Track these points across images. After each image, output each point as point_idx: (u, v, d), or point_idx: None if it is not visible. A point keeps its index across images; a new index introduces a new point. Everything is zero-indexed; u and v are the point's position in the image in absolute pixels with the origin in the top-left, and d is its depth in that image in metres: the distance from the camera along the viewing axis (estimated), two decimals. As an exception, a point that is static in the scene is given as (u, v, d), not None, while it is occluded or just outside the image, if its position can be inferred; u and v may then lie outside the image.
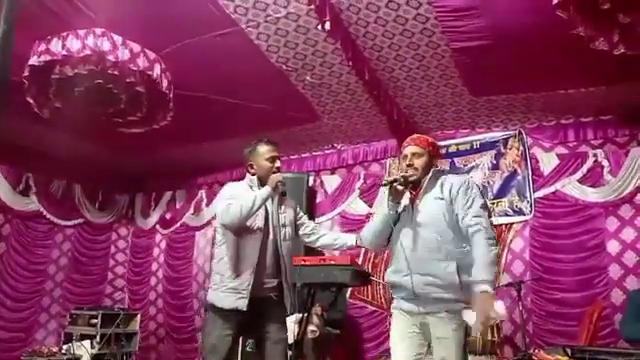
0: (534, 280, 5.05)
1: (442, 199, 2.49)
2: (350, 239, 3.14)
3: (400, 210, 2.61)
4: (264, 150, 3.00)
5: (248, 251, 2.84)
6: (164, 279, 7.48)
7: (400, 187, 2.54)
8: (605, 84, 4.38)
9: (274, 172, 2.94)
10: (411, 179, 2.58)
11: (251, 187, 2.96)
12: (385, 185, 2.59)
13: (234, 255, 2.85)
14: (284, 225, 2.97)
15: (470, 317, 2.34)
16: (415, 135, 2.77)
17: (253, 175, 3.01)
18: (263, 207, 2.89)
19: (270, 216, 2.94)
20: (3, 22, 1.17)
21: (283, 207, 3.03)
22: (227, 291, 2.82)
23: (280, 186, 2.88)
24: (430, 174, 2.60)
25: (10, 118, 4.77)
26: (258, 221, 2.88)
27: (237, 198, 2.85)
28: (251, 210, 2.78)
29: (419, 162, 2.60)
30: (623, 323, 4.45)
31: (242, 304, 2.76)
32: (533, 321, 5.07)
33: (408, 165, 2.62)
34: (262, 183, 2.95)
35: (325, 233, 3.26)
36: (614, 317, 4.68)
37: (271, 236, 2.91)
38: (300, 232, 3.14)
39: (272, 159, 2.98)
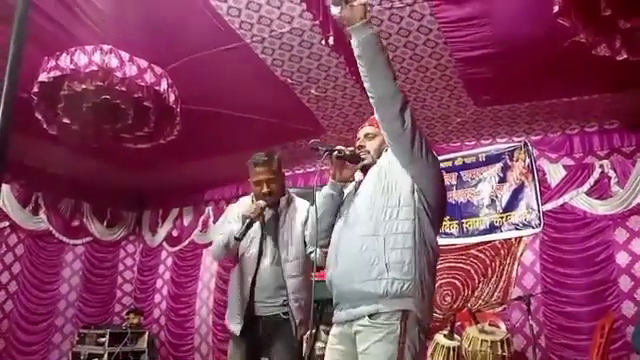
0: (543, 293, 5.00)
1: (376, 171, 2.13)
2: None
3: (345, 194, 2.24)
4: (252, 173, 2.89)
5: (245, 275, 2.83)
6: (168, 296, 7.49)
7: (347, 156, 2.15)
8: (610, 91, 4.38)
9: (262, 198, 2.82)
10: (365, 162, 2.19)
11: (253, 202, 2.92)
12: (326, 152, 2.16)
13: (236, 279, 2.88)
14: (287, 244, 2.83)
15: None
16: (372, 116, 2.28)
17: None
18: (259, 232, 2.84)
19: (267, 239, 2.86)
20: (13, 44, 1.20)
21: (290, 223, 2.89)
22: (232, 313, 2.86)
23: (239, 233, 2.65)
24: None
25: (19, 137, 4.86)
26: (252, 246, 2.84)
27: (231, 222, 2.87)
28: (227, 246, 2.78)
29: (372, 144, 2.21)
30: (635, 335, 4.38)
31: (237, 329, 2.78)
32: (545, 335, 5.00)
33: (359, 147, 2.23)
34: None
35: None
36: (626, 329, 4.61)
37: (268, 258, 2.83)
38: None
39: (258, 183, 2.85)
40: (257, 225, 2.80)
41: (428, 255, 1.97)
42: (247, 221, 2.67)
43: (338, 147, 2.18)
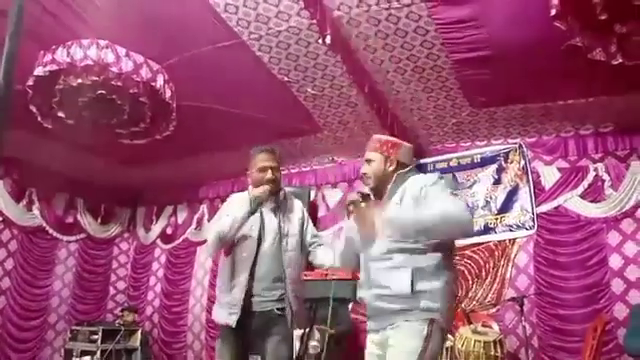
0: (536, 295, 5.02)
1: (398, 204, 2.25)
2: (329, 260, 2.88)
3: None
4: (256, 160, 2.91)
5: (241, 264, 2.78)
6: (161, 294, 7.47)
7: (360, 203, 2.32)
8: (605, 95, 4.40)
9: (265, 183, 2.83)
10: (368, 187, 2.37)
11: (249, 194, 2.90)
12: (350, 211, 2.37)
13: (228, 269, 2.82)
14: (287, 235, 2.87)
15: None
16: (373, 137, 2.47)
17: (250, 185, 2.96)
18: (258, 219, 2.83)
19: (266, 228, 2.85)
20: (8, 41, 1.19)
21: (288, 215, 2.94)
22: (223, 306, 2.79)
23: (254, 205, 2.75)
24: (394, 178, 2.32)
25: (13, 131, 4.85)
26: (250, 235, 2.81)
27: (229, 216, 2.80)
28: (229, 233, 2.73)
29: (370, 169, 2.36)
30: (627, 337, 4.41)
31: (232, 320, 2.70)
32: (538, 336, 5.03)
33: (363, 174, 2.40)
34: None
35: (318, 252, 3.05)
36: (617, 332, 4.64)
37: (268, 247, 2.82)
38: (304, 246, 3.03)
39: (262, 169, 2.86)
40: (257, 213, 2.83)
41: (451, 278, 2.21)
42: (257, 200, 2.75)
43: (350, 200, 2.38)
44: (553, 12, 3.00)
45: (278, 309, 2.77)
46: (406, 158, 2.39)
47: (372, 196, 2.38)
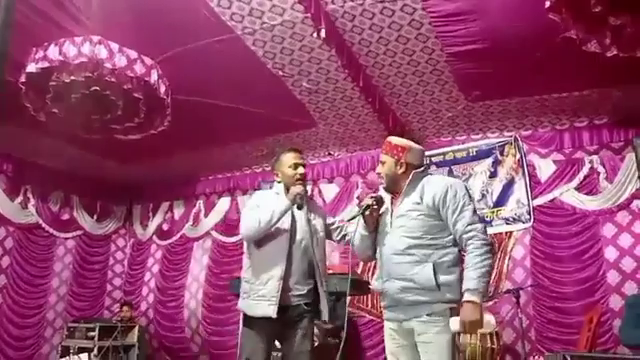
0: (532, 287, 5.04)
1: (419, 204, 2.41)
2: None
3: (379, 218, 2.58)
4: (287, 158, 3.00)
5: (274, 258, 2.82)
6: (156, 289, 7.46)
7: (375, 208, 2.51)
8: (599, 87, 4.41)
9: (297, 179, 2.93)
10: (383, 185, 2.57)
11: (278, 194, 2.96)
12: (358, 215, 2.52)
13: (261, 263, 2.86)
14: (316, 231, 2.94)
15: (453, 323, 2.27)
16: (387, 139, 2.65)
17: (279, 183, 3.02)
18: (289, 214, 2.88)
19: (297, 222, 2.91)
20: None
21: (313, 214, 3.01)
22: (257, 299, 2.81)
23: (298, 199, 2.85)
24: (410, 177, 2.47)
25: (8, 128, 4.82)
26: (283, 228, 2.87)
27: (261, 207, 2.86)
28: (269, 223, 2.79)
29: (384, 169, 2.54)
30: (622, 329, 4.44)
31: (272, 311, 2.74)
32: (535, 328, 5.06)
33: (377, 173, 2.62)
34: (288, 190, 2.94)
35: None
36: (613, 323, 4.67)
37: (298, 242, 2.88)
38: (334, 236, 3.10)
39: (295, 166, 2.96)
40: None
41: (462, 271, 2.38)
42: (299, 196, 2.83)
43: (365, 204, 2.52)
44: (547, 4, 3.00)
45: (306, 304, 2.84)
46: (416, 159, 2.54)
47: (386, 193, 2.57)
